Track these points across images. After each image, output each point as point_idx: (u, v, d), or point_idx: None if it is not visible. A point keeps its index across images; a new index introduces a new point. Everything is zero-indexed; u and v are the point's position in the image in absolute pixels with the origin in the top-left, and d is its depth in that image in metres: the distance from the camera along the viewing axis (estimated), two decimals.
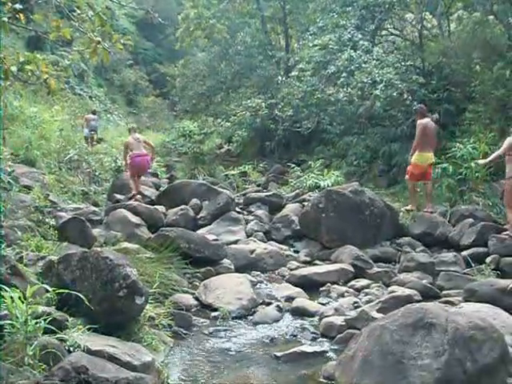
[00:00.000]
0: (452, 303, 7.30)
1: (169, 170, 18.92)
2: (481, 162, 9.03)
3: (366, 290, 8.39)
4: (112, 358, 4.74)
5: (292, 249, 11.02)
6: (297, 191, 14.50)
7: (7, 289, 4.54)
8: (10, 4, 5.34)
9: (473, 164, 12.50)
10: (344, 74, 17.12)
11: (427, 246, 10.67)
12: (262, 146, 22.05)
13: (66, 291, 5.13)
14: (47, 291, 5.17)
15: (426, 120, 11.99)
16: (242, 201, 13.76)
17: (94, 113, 21.85)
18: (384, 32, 21.03)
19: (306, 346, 6.39)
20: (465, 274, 8.93)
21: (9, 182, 8.65)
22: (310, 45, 20.32)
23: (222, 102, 27.25)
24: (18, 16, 5.46)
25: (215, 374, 5.58)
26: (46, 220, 9.03)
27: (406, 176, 12.41)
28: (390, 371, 4.65)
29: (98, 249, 6.03)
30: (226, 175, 18.05)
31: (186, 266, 8.60)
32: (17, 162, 11.65)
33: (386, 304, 7.17)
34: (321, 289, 8.57)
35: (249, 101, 22.27)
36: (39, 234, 8.21)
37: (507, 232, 9.93)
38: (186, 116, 27.38)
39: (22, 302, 4.48)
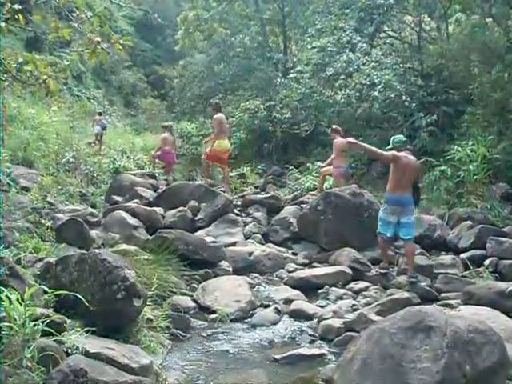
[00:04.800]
0: (451, 306, 7.30)
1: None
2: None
3: (365, 293, 8.38)
4: (110, 361, 4.72)
5: (290, 251, 10.97)
6: (295, 193, 14.47)
7: (5, 290, 4.52)
8: (9, 4, 5.33)
9: (471, 167, 12.52)
10: (342, 76, 17.10)
11: (425, 249, 10.65)
12: (260, 147, 22.01)
13: (65, 292, 5.12)
14: (45, 293, 5.15)
15: (221, 114, 14.34)
16: (240, 203, 13.72)
17: (100, 114, 23.36)
18: (382, 34, 20.99)
19: (305, 348, 6.39)
20: (463, 276, 8.93)
21: (8, 183, 8.63)
22: (309, 47, 20.31)
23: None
24: (16, 17, 5.44)
25: (213, 377, 5.57)
26: (44, 221, 9.00)
27: (203, 156, 14.85)
28: (390, 374, 4.63)
29: (96, 250, 6.01)
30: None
31: (184, 268, 8.57)
32: (15, 164, 11.63)
33: (384, 307, 7.17)
34: (319, 291, 8.56)
35: (247, 103, 22.24)
36: (37, 236, 8.19)
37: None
38: (184, 117, 27.33)
39: (20, 304, 4.46)
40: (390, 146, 9.21)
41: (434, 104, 15.64)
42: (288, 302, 8.00)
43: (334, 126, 13.88)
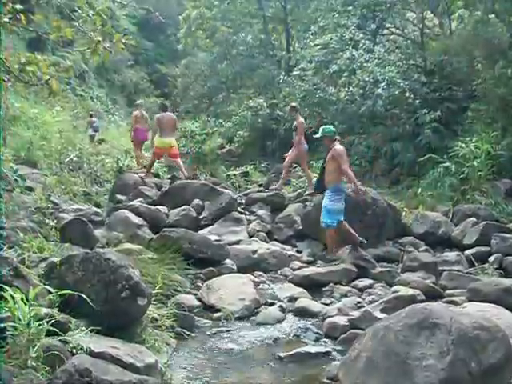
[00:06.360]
0: (456, 303, 7.29)
1: (170, 170, 18.82)
2: None
3: (369, 290, 8.38)
4: (115, 360, 4.71)
5: (294, 249, 10.96)
6: (299, 191, 14.45)
7: (10, 290, 4.51)
8: (10, 4, 5.32)
9: (475, 163, 12.51)
10: (345, 73, 17.12)
11: (430, 246, 10.67)
12: (263, 145, 22.00)
13: (69, 292, 5.11)
14: (50, 293, 5.15)
15: (163, 114, 14.73)
16: (243, 201, 13.70)
17: (91, 116, 23.31)
18: (385, 31, 21.05)
19: (310, 346, 6.38)
20: (468, 273, 8.93)
21: (15, 179, 8.61)
22: (312, 44, 20.34)
23: (223, 102, 27.24)
24: (18, 16, 5.44)
25: (218, 375, 5.57)
26: (48, 221, 9.00)
27: (150, 155, 15.53)
28: (395, 372, 4.62)
29: (101, 250, 6.01)
30: (228, 175, 17.95)
31: (189, 267, 8.57)
32: (18, 163, 11.60)
33: (389, 304, 7.15)
34: (324, 289, 8.56)
35: (250, 101, 22.26)
36: (41, 236, 8.17)
37: None
38: (188, 116, 27.30)
39: (25, 304, 4.46)
40: (319, 135, 10.17)
41: (438, 100, 15.64)
42: (293, 299, 7.99)
43: (292, 104, 14.27)
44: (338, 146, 9.85)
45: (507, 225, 10.80)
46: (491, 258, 9.40)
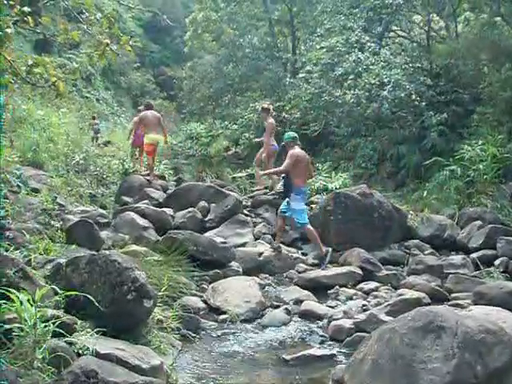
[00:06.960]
0: (461, 306, 7.29)
1: (176, 172, 18.82)
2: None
3: (375, 293, 8.37)
4: (121, 362, 4.72)
5: (300, 251, 10.94)
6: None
7: (16, 292, 4.53)
8: (18, 7, 5.34)
9: (481, 166, 12.49)
10: (351, 76, 17.07)
11: (435, 249, 10.66)
12: None
13: (75, 294, 5.12)
14: (56, 294, 5.16)
15: (146, 113, 14.79)
16: (249, 203, 13.68)
17: (93, 118, 24.02)
18: (391, 34, 21.01)
19: (315, 349, 6.37)
20: (473, 276, 8.92)
21: (18, 185, 8.63)
22: (318, 47, 20.30)
23: (229, 105, 27.21)
24: (26, 19, 5.45)
25: (223, 377, 5.56)
26: (54, 223, 9.01)
27: (145, 154, 15.31)
28: (400, 375, 4.62)
29: (107, 252, 6.01)
30: (234, 178, 17.94)
31: (194, 269, 8.55)
32: (24, 165, 11.62)
33: (394, 307, 7.15)
34: (329, 292, 8.56)
35: (256, 103, 22.22)
36: (47, 237, 8.20)
37: None
38: (193, 118, 27.32)
39: (31, 305, 4.47)
40: (282, 143, 10.84)
41: (444, 103, 15.61)
42: (298, 302, 8.00)
43: (264, 106, 14.45)
44: (293, 150, 10.21)
45: None
46: (497, 262, 9.39)
